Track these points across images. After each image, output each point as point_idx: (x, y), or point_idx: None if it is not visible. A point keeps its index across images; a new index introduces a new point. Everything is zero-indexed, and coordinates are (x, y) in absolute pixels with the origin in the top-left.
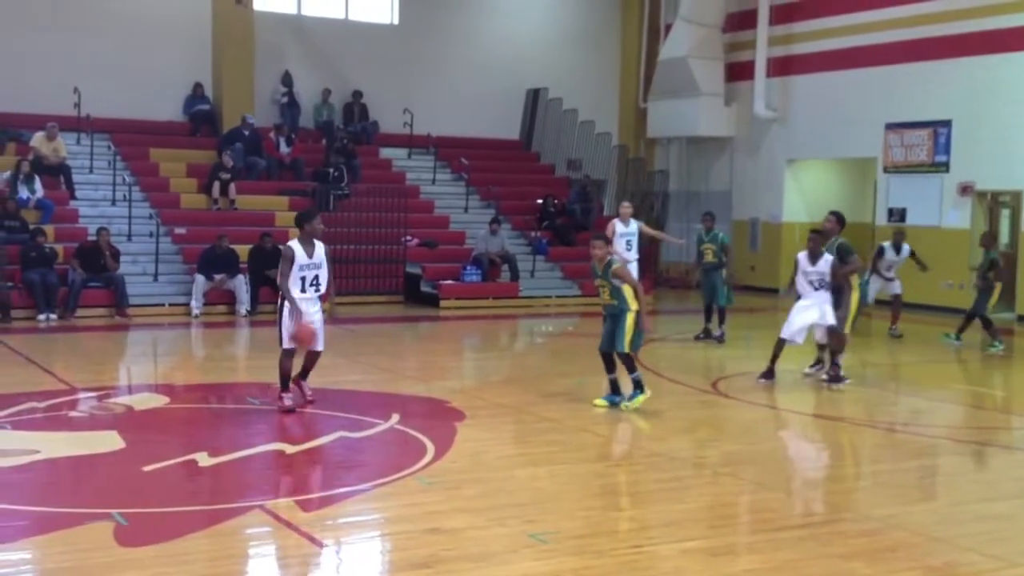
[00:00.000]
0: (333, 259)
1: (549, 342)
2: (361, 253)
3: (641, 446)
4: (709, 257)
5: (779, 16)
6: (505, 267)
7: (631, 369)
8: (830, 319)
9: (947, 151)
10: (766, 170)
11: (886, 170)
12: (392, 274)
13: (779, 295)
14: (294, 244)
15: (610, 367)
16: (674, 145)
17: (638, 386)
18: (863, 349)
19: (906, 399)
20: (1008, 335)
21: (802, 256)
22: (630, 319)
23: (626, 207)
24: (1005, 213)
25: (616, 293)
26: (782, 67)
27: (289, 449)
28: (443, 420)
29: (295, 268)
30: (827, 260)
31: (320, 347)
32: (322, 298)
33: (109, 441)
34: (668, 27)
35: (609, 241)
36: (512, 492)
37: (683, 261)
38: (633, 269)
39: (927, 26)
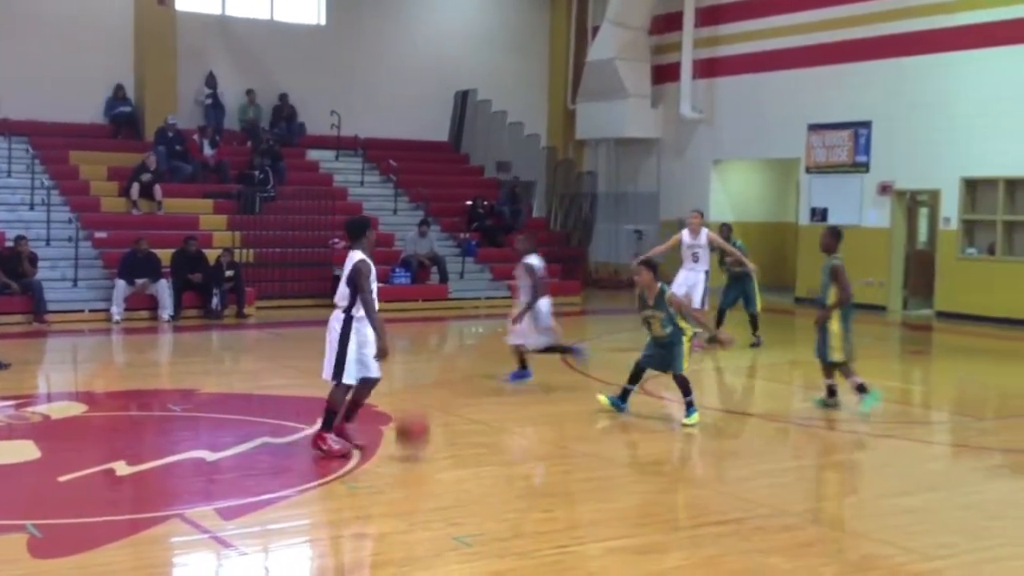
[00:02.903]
0: (259, 263)
1: (478, 344)
2: (288, 256)
3: (568, 447)
4: (737, 266)
5: (704, 19)
6: (434, 269)
7: (686, 392)
8: None
9: (867, 151)
10: (692, 171)
11: (808, 170)
12: (320, 277)
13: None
14: (365, 256)
15: (634, 379)
16: (602, 147)
17: (691, 406)
18: (792, 347)
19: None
20: (927, 331)
21: None
22: (686, 342)
23: (696, 216)
24: (923, 212)
25: (669, 321)
26: (707, 69)
27: (210, 456)
28: (369, 424)
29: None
30: None
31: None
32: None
33: (24, 451)
34: (596, 29)
35: (656, 268)
36: (437, 495)
37: (611, 261)
38: (701, 281)
39: (847, 29)
